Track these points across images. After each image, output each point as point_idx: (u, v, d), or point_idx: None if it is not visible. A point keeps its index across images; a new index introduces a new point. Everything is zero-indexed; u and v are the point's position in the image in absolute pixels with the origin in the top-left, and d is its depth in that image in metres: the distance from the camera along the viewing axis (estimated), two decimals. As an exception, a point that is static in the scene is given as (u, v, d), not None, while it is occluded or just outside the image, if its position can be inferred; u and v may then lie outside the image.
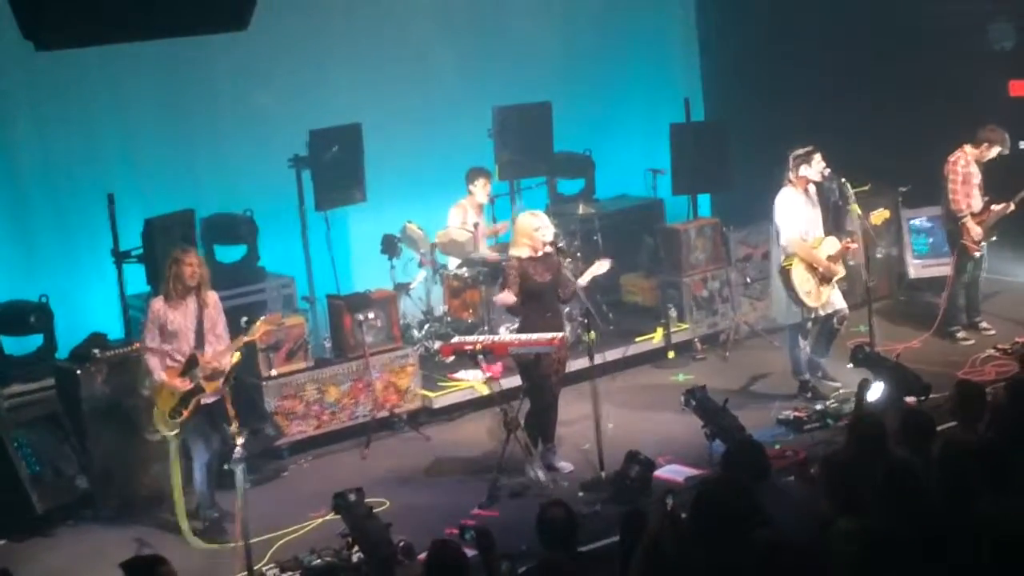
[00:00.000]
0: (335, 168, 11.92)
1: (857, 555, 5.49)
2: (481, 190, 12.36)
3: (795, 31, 14.23)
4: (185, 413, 8.98)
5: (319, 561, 8.45)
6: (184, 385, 8.96)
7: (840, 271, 10.74)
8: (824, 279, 10.67)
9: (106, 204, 10.45)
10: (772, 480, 7.72)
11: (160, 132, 12.09)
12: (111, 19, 8.97)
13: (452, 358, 11.25)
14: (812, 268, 10.62)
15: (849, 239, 10.81)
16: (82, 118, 11.73)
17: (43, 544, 9.44)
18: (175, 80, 12.07)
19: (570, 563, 6.38)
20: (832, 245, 10.69)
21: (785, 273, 10.65)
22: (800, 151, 10.62)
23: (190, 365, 8.99)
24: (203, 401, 8.99)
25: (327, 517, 8.90)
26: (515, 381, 10.11)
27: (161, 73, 11.91)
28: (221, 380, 9.04)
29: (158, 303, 9.12)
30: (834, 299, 10.81)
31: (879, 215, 11.03)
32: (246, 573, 8.19)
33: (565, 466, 9.82)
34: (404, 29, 13.34)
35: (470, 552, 6.88)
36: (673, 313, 12.37)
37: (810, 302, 10.65)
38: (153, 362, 9.06)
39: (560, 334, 9.71)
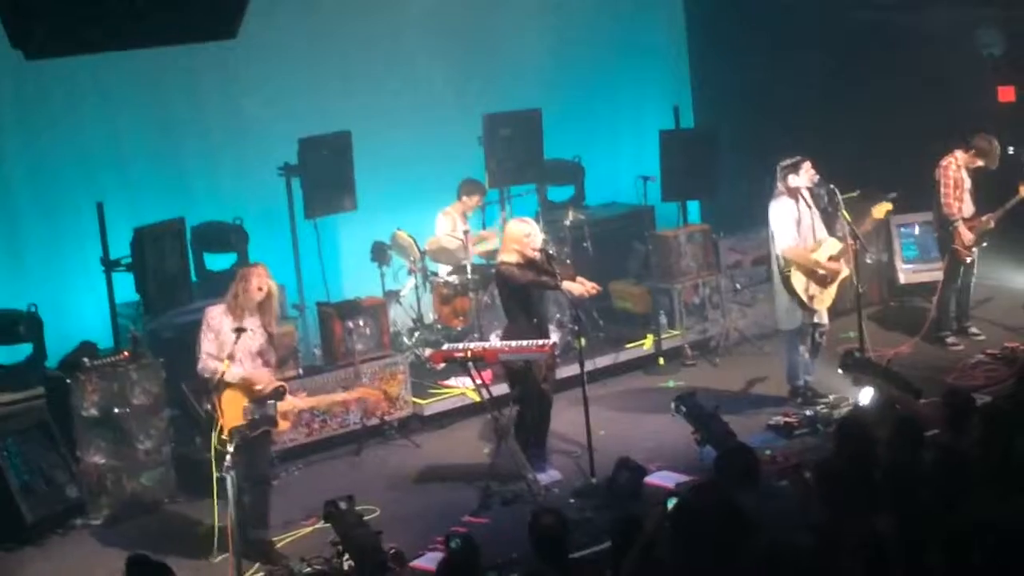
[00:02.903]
0: (325, 176, 11.91)
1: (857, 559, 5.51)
2: (474, 205, 12.42)
3: (784, 38, 14.24)
4: (251, 434, 8.52)
5: (309, 569, 8.45)
6: (267, 381, 8.59)
7: (844, 270, 10.72)
8: (827, 281, 10.68)
9: (95, 213, 10.44)
10: (766, 485, 7.77)
11: (149, 141, 12.08)
12: (100, 28, 8.96)
13: (443, 365, 11.20)
14: (811, 272, 10.63)
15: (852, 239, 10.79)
16: (71, 127, 11.70)
17: (33, 554, 9.41)
18: (164, 88, 12.05)
19: (554, 573, 6.38)
20: (833, 246, 10.68)
21: (786, 280, 10.66)
22: (787, 162, 10.62)
23: (276, 395, 8.67)
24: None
25: (318, 525, 8.90)
26: (506, 388, 10.09)
27: (150, 81, 11.89)
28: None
29: (217, 310, 8.79)
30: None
31: (881, 207, 11.04)
32: (236, 582, 8.18)
33: (553, 475, 9.80)
34: (394, 37, 13.34)
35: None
36: (663, 320, 12.38)
37: (815, 305, 10.67)
38: (215, 364, 8.59)
39: (550, 340, 9.72)
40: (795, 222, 10.62)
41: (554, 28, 14.33)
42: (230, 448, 8.18)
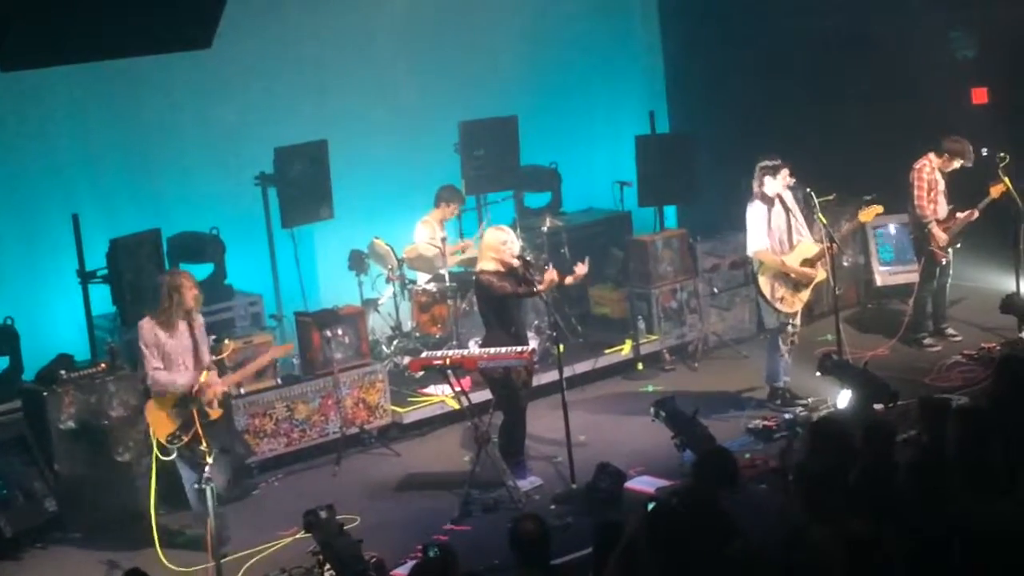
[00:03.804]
0: (301, 185, 11.90)
1: (837, 561, 5.52)
2: (452, 212, 12.43)
3: (758, 42, 14.28)
4: (185, 439, 8.81)
5: (290, 580, 8.44)
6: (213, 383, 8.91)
7: (819, 274, 10.75)
8: (798, 284, 10.72)
9: (71, 224, 10.40)
10: (744, 489, 7.75)
11: (124, 152, 12.03)
12: (74, 39, 8.94)
13: (421, 373, 11.22)
14: (780, 275, 10.67)
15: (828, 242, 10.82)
16: (45, 139, 11.66)
17: (12, 568, 9.35)
18: (138, 99, 12.02)
19: None
20: (808, 249, 10.71)
21: (756, 282, 10.74)
22: (768, 163, 10.64)
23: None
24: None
25: (298, 535, 8.87)
26: (485, 395, 10.11)
27: (124, 92, 11.86)
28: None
29: (150, 324, 8.95)
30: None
31: (870, 211, 11.06)
32: (217, 593, 8.16)
33: (534, 481, 9.80)
34: (369, 45, 13.34)
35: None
36: (642, 325, 12.41)
37: (784, 308, 10.72)
38: (165, 376, 8.89)
39: (529, 347, 9.73)
40: (767, 225, 10.65)
41: (529, 35, 14.34)
42: (209, 459, 8.18)
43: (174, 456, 8.90)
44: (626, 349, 12.37)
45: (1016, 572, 5.54)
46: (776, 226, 10.70)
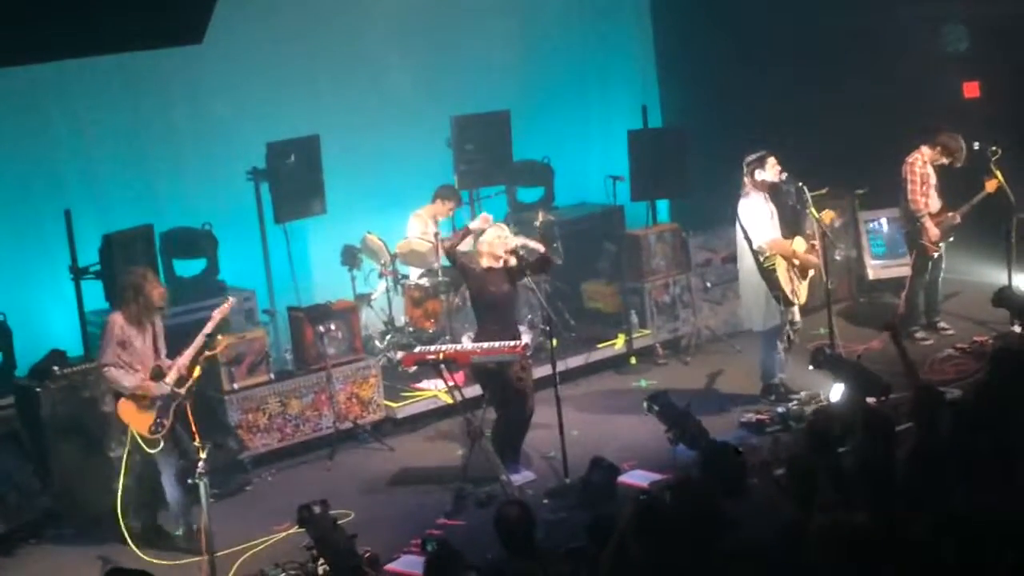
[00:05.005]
0: (294, 180, 11.89)
1: (831, 554, 5.53)
2: (447, 210, 12.44)
3: (750, 37, 14.27)
4: (167, 423, 8.92)
5: (284, 575, 8.42)
6: (161, 389, 8.91)
7: (815, 261, 10.77)
8: (801, 274, 10.73)
9: (63, 220, 10.38)
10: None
11: (117, 147, 12.00)
12: (66, 35, 8.94)
13: (415, 368, 11.23)
14: (790, 265, 10.67)
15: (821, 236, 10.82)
16: (37, 134, 11.61)
17: (5, 564, 9.35)
18: (131, 95, 11.98)
19: (523, 562, 6.40)
20: (799, 244, 10.72)
21: (770, 274, 10.62)
22: (752, 157, 10.64)
23: (156, 375, 8.99)
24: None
25: (292, 530, 8.88)
26: (478, 389, 10.10)
27: (116, 88, 11.83)
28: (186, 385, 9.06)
29: (119, 319, 9.05)
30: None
31: (826, 215, 11.07)
32: (211, 588, 8.16)
33: (527, 475, 9.81)
34: (361, 39, 13.31)
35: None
36: (635, 319, 12.41)
37: (796, 299, 10.71)
38: (118, 373, 8.96)
39: (522, 342, 9.73)
40: (769, 216, 10.64)
41: (521, 29, 14.34)
42: (203, 455, 8.18)
43: (160, 448, 8.95)
44: (619, 344, 12.38)
45: (1009, 563, 5.55)
46: (775, 217, 10.69)
